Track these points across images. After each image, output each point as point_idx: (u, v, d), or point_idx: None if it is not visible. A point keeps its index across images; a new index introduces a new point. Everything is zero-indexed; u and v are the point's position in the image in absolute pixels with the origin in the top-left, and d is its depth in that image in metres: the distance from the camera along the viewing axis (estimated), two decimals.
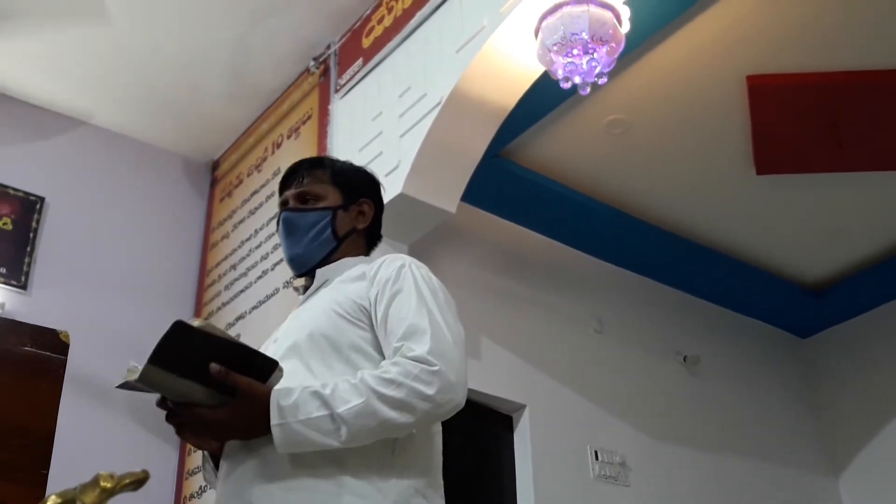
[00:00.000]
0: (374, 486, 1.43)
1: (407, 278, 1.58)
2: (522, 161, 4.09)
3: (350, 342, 1.55)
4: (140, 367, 1.36)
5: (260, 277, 3.93)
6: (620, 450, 4.11)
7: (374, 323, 1.56)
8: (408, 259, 1.64)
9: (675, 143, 4.06)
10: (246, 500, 1.44)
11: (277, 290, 3.76)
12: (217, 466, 1.58)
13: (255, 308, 3.86)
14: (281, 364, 1.45)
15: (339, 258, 1.74)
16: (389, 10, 3.69)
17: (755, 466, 4.62)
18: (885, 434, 4.85)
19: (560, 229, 4.39)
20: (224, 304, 4.10)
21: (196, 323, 1.37)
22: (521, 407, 3.87)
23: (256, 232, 4.09)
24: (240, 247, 4.17)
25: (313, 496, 1.41)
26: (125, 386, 1.40)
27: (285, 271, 3.77)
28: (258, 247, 4.04)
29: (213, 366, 1.38)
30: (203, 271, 4.37)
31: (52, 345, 2.72)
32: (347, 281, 1.65)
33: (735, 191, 4.32)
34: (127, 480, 1.37)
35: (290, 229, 1.76)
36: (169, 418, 1.48)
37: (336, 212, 1.76)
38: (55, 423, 2.68)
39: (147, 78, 4.14)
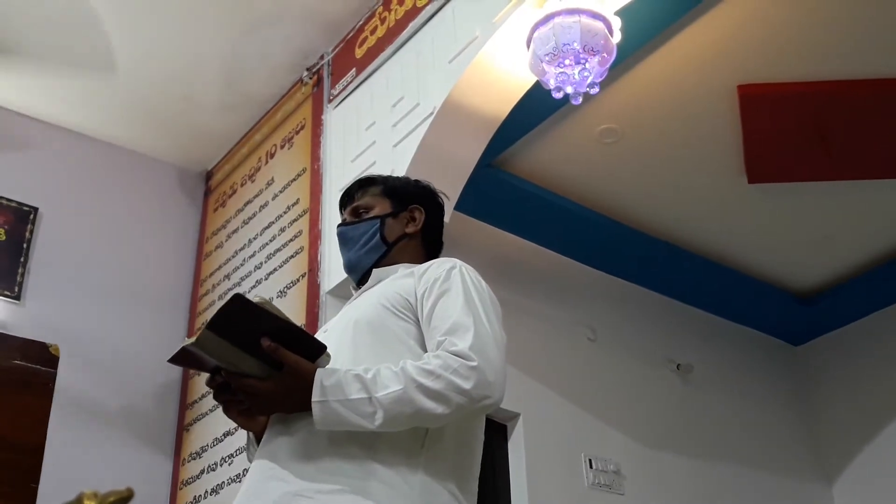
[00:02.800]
0: (402, 476, 1.46)
1: (456, 279, 1.64)
2: (515, 170, 4.10)
3: (392, 332, 1.60)
4: (194, 340, 1.43)
5: (254, 287, 3.93)
6: (614, 458, 4.11)
7: (420, 318, 1.61)
8: (458, 262, 1.71)
9: (667, 151, 4.07)
10: (278, 472, 1.48)
11: (272, 300, 3.76)
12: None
13: None
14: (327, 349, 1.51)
15: (394, 262, 1.80)
16: (382, 20, 3.71)
17: (748, 474, 4.63)
18: (878, 441, 4.86)
19: (553, 238, 4.39)
20: None
21: (255, 299, 1.44)
22: (516, 416, 3.87)
23: (250, 241, 4.09)
24: (234, 256, 4.17)
25: (342, 479, 1.45)
26: (176, 360, 1.47)
27: (279, 281, 3.78)
28: (252, 256, 4.04)
29: (265, 340, 1.44)
30: (197, 281, 4.37)
31: (42, 358, 2.72)
32: (397, 278, 1.72)
33: (727, 199, 4.34)
34: (112, 499, 1.36)
35: (344, 241, 1.86)
36: (217, 395, 1.53)
37: (384, 219, 1.83)
38: (45, 437, 2.67)
39: (140, 88, 4.15)
